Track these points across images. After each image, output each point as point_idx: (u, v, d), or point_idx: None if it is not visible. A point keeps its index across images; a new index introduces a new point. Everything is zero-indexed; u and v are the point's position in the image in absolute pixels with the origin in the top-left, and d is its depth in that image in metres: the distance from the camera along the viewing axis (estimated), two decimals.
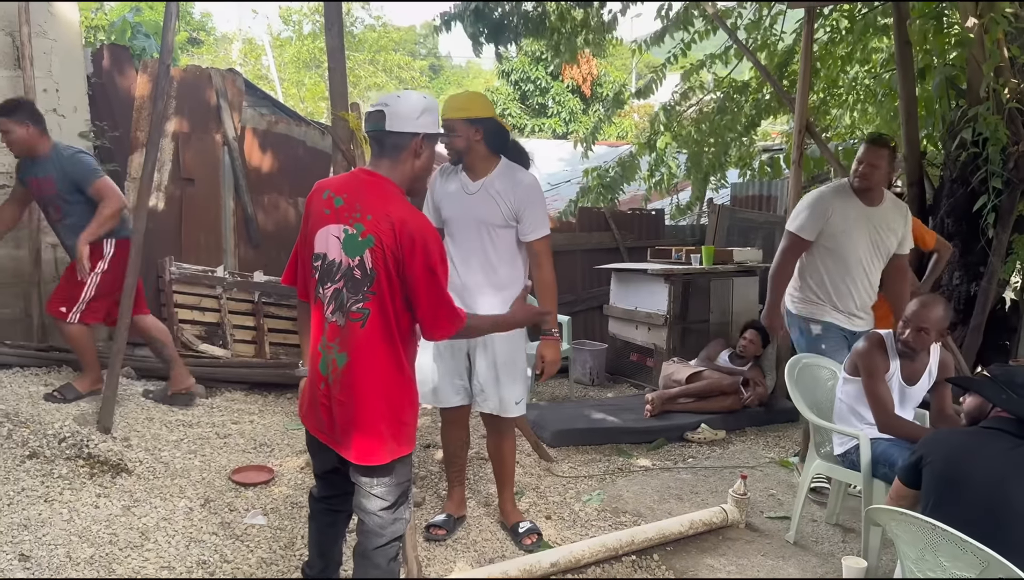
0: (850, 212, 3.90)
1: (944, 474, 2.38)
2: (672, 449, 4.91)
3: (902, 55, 5.12)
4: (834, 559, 3.43)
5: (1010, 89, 4.79)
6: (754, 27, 6.68)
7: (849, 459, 3.42)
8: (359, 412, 2.30)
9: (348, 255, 2.25)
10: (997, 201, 4.97)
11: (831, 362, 3.86)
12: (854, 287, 3.96)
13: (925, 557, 2.29)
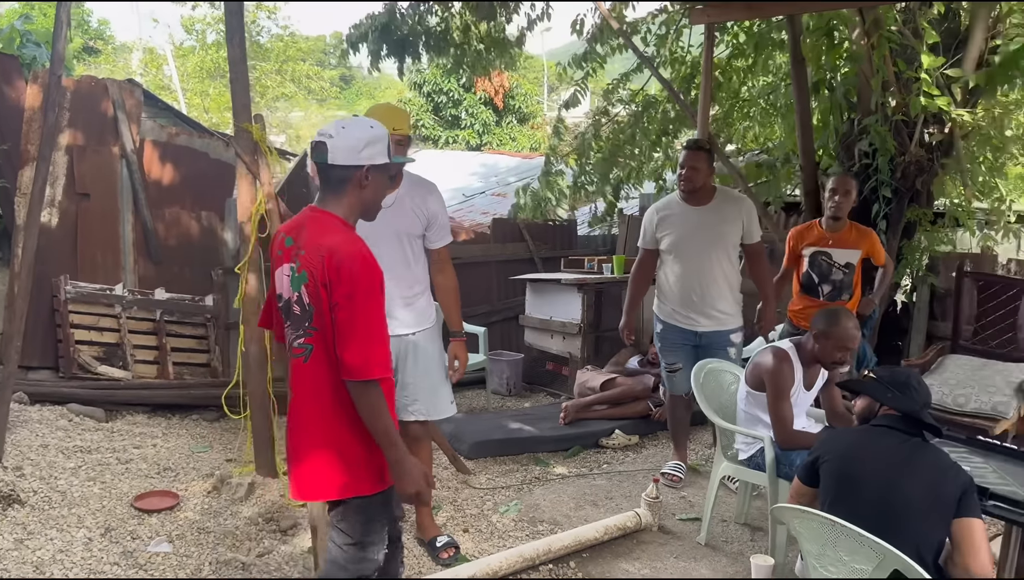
0: (679, 216, 4.17)
1: (839, 472, 2.48)
2: (588, 456, 4.97)
3: (796, 70, 5.35)
4: (743, 558, 3.53)
5: (896, 102, 5.07)
6: (661, 41, 6.86)
7: (755, 461, 3.53)
8: (303, 448, 2.24)
9: (293, 290, 2.21)
10: (887, 209, 5.26)
11: (733, 366, 3.99)
12: (696, 286, 4.16)
13: (826, 552, 2.39)
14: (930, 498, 2.32)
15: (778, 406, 3.33)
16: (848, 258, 4.45)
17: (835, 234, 4.47)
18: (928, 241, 5.61)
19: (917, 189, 5.32)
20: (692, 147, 4.19)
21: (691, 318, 4.24)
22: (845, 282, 4.47)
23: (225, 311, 5.78)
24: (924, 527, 2.33)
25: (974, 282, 5.34)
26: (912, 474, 2.37)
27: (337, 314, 2.11)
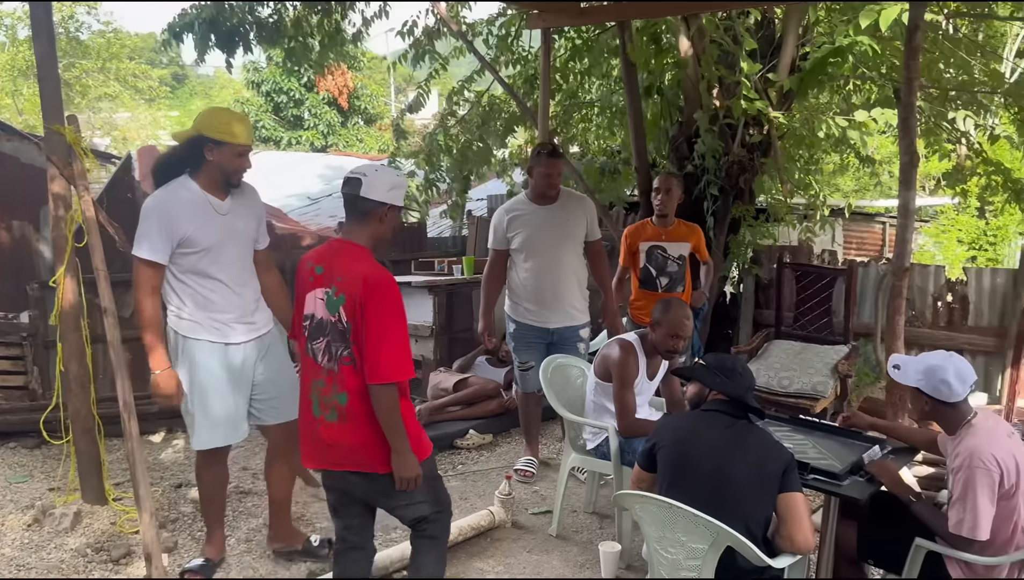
0: (529, 216, 4.28)
1: (673, 457, 2.61)
2: (443, 458, 4.95)
3: (628, 74, 5.58)
4: (593, 546, 3.63)
5: (721, 105, 5.39)
6: (502, 43, 6.94)
7: (601, 450, 3.65)
8: (369, 436, 2.56)
9: (331, 313, 2.56)
10: (715, 207, 5.58)
11: (579, 361, 4.10)
12: (546, 284, 4.30)
13: (665, 535, 2.50)
14: (756, 477, 2.48)
15: (622, 395, 3.46)
16: (680, 251, 4.74)
17: (667, 229, 4.75)
18: (752, 235, 6.01)
19: (741, 187, 5.68)
20: (553, 154, 4.30)
21: (544, 315, 4.34)
22: (679, 274, 4.75)
23: (43, 328, 5.31)
24: (752, 504, 2.48)
25: (793, 272, 5.77)
26: (739, 455, 2.52)
27: (369, 329, 2.48)
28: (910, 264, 4.30)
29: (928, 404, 2.73)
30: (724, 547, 2.40)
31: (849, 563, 2.96)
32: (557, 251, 4.30)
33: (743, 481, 2.49)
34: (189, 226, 3.00)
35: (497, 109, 7.29)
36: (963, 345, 5.42)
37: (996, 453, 2.56)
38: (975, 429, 2.66)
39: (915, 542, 2.71)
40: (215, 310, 3.11)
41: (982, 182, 7.32)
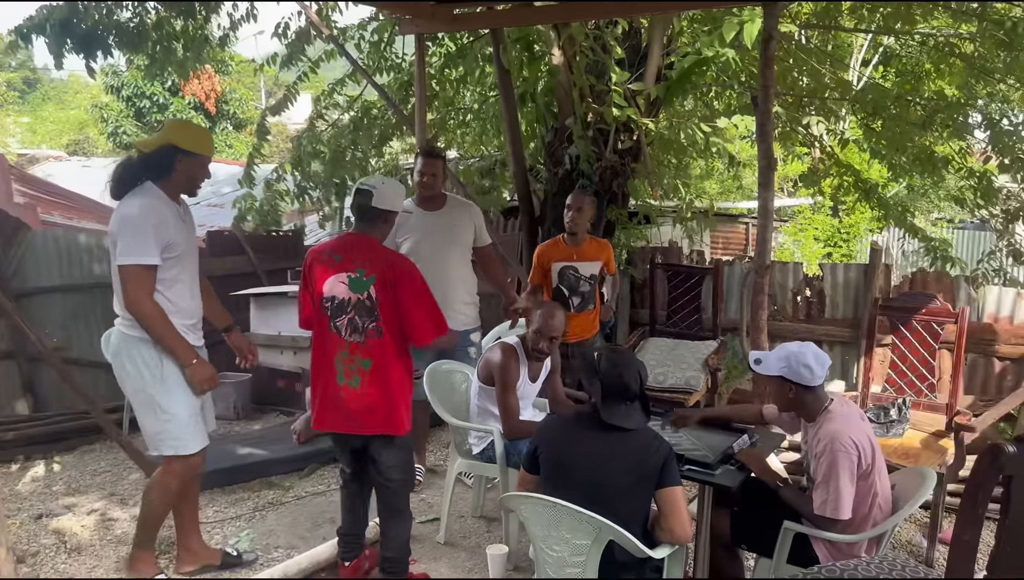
0: (417, 221, 4.28)
1: (553, 460, 2.65)
2: (326, 472, 4.84)
3: (503, 81, 5.65)
4: (481, 550, 3.65)
5: (592, 112, 5.54)
6: (375, 49, 6.88)
7: (487, 454, 3.68)
8: (386, 397, 3.10)
9: (355, 292, 3.05)
10: None
11: (463, 366, 4.11)
12: (441, 288, 4.24)
13: (550, 533, 2.54)
14: (634, 477, 2.55)
15: (505, 398, 3.49)
16: (592, 270, 4.67)
17: (578, 248, 4.65)
18: (626, 238, 6.21)
19: (614, 191, 5.86)
20: (429, 154, 4.29)
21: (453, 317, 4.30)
22: (591, 293, 4.71)
23: None
24: (631, 503, 2.55)
25: (664, 272, 5.98)
26: (617, 459, 2.57)
27: (409, 303, 3.06)
28: (771, 262, 4.56)
29: (792, 391, 2.88)
30: (607, 542, 2.47)
31: (724, 549, 3.09)
32: (445, 257, 4.29)
33: (621, 483, 2.54)
34: (171, 232, 3.10)
35: (372, 115, 7.22)
36: (821, 337, 5.80)
37: (853, 435, 2.75)
38: (833, 414, 2.84)
39: (784, 525, 2.87)
40: (184, 315, 3.16)
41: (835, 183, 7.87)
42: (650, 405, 2.73)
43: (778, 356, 2.90)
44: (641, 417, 2.66)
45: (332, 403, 3.13)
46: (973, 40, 6.16)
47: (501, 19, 5.28)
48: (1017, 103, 7.29)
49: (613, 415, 2.61)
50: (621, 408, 2.63)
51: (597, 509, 2.46)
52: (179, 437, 3.14)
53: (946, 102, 6.82)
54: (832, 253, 14.11)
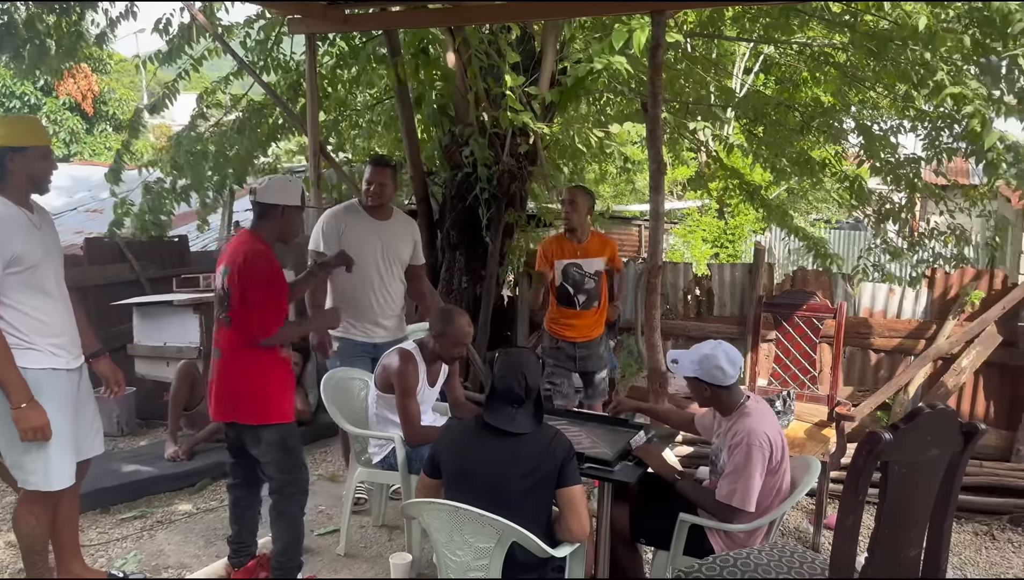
0: (362, 227, 4.15)
1: (452, 468, 2.63)
2: (219, 487, 4.66)
3: (398, 84, 5.60)
4: (383, 559, 3.59)
5: (489, 116, 5.56)
6: (262, 47, 6.68)
7: (388, 462, 3.61)
8: (232, 386, 3.16)
9: (221, 281, 3.15)
10: (490, 214, 5.75)
11: (363, 373, 4.04)
12: (374, 298, 4.20)
13: (453, 538, 2.53)
14: (534, 477, 2.55)
15: (405, 404, 3.44)
16: (596, 266, 4.54)
17: (581, 245, 4.54)
18: (525, 240, 6.26)
19: (512, 194, 5.90)
20: (380, 164, 4.15)
21: (371, 330, 4.19)
22: (596, 290, 4.57)
23: None
24: (532, 502, 2.56)
25: None
26: (514, 465, 2.56)
27: (244, 296, 3.07)
28: (663, 263, 4.69)
29: (707, 390, 2.97)
30: (510, 543, 2.47)
31: (623, 544, 3.16)
32: (388, 268, 4.22)
33: (520, 486, 2.53)
34: (17, 242, 2.80)
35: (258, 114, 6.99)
36: (711, 333, 5.99)
37: (768, 432, 2.85)
38: (750, 410, 2.93)
39: (679, 517, 2.95)
40: (51, 333, 2.88)
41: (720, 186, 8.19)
42: (542, 407, 2.68)
43: (692, 358, 2.97)
44: (528, 421, 2.61)
45: (210, 390, 3.28)
46: (845, 50, 6.53)
47: (394, 21, 5.23)
48: (886, 109, 7.78)
49: (497, 418, 2.60)
50: (505, 411, 2.60)
51: (499, 511, 2.45)
52: (35, 471, 2.87)
53: (822, 108, 7.21)
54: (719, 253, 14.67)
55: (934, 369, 5.12)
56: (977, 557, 3.87)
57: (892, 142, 6.91)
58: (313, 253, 4.17)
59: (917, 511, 2.15)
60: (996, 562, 3.84)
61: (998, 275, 5.16)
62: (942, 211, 6.74)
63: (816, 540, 3.95)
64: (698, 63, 7.43)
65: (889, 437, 1.95)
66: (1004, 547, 3.99)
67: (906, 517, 2.12)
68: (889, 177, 6.71)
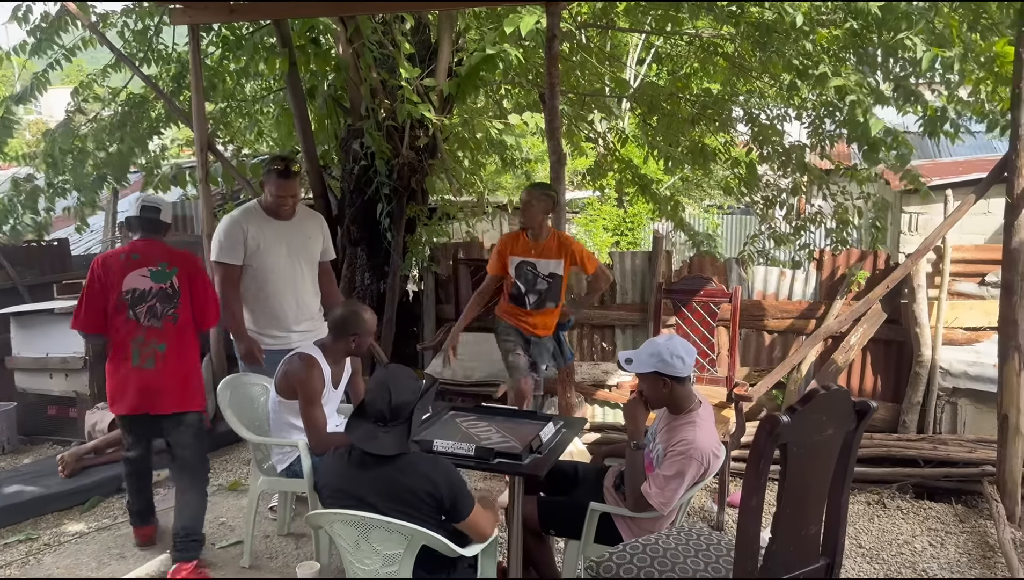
0: (265, 229, 3.99)
1: (338, 495, 2.54)
2: (111, 504, 4.42)
3: (291, 75, 5.40)
4: (290, 569, 3.49)
5: (385, 109, 5.44)
6: (140, 38, 6.33)
7: (293, 470, 3.49)
8: (179, 378, 3.53)
9: (157, 282, 3.50)
10: (390, 208, 5.64)
11: (262, 378, 3.88)
12: (288, 305, 4.06)
13: (360, 546, 2.46)
14: (422, 509, 2.46)
15: (310, 412, 3.31)
16: (552, 269, 4.29)
17: (537, 244, 4.29)
18: (428, 234, 6.17)
19: (413, 188, 5.80)
20: (285, 175, 3.95)
21: (286, 337, 4.03)
22: (551, 292, 4.34)
23: None
24: (430, 513, 2.49)
25: (468, 267, 6.04)
26: (395, 497, 2.44)
27: (195, 290, 3.59)
28: None
29: (667, 386, 2.90)
30: (419, 547, 2.42)
31: (533, 536, 3.14)
32: (301, 268, 4.08)
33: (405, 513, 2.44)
34: None
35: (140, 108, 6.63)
36: (614, 321, 6.10)
37: (713, 449, 2.85)
38: (699, 421, 2.90)
39: (590, 506, 2.96)
40: None
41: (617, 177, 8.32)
42: (410, 430, 2.54)
43: (649, 352, 2.90)
44: (392, 443, 2.48)
45: (127, 386, 3.48)
46: (733, 41, 6.72)
47: (282, 11, 5.04)
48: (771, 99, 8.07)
49: (357, 436, 2.52)
50: (365, 429, 2.51)
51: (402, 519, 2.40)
52: None
53: (712, 99, 7.41)
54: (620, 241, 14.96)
55: (824, 347, 5.35)
56: (870, 526, 4.07)
57: (779, 130, 7.18)
58: (217, 265, 3.99)
59: (816, 488, 2.22)
60: (888, 529, 4.05)
61: (881, 256, 5.44)
62: (826, 195, 7.05)
63: (720, 518, 4.06)
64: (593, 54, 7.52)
65: (787, 419, 2.01)
66: (894, 514, 4.22)
67: (806, 495, 2.19)
68: (777, 164, 6.97)
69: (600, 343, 6.19)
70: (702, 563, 2.51)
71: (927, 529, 4.04)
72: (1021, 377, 3.99)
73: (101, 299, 3.48)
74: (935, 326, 5.01)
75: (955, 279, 5.10)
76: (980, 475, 4.25)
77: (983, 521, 4.07)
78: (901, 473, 4.46)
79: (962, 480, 4.35)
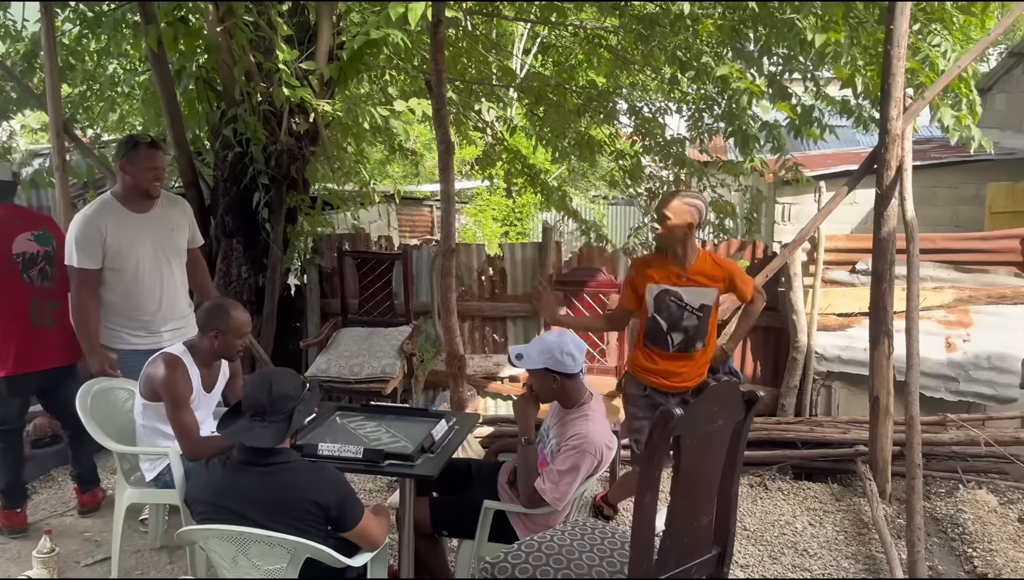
0: (124, 225, 3.68)
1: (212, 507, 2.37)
2: None
3: (155, 56, 5.03)
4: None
5: (261, 92, 5.15)
6: None
7: (163, 479, 3.24)
8: (70, 332, 3.78)
9: (43, 245, 3.82)
10: (268, 197, 5.36)
11: (128, 382, 3.59)
12: (156, 302, 3.76)
13: (238, 562, 2.29)
14: (305, 520, 2.33)
15: (179, 417, 3.07)
16: (703, 299, 3.45)
17: (684, 267, 3.44)
18: (310, 225, 5.92)
19: (293, 176, 5.53)
20: (155, 146, 3.68)
21: (156, 338, 3.72)
22: (700, 328, 3.48)
23: None
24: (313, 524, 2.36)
25: (353, 259, 5.84)
26: (278, 505, 2.32)
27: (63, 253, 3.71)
28: (456, 245, 4.61)
29: (557, 382, 2.88)
30: (304, 560, 2.28)
31: (426, 539, 3.05)
32: (169, 263, 3.79)
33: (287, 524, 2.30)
34: None
35: None
36: (505, 313, 6.06)
37: (605, 441, 2.85)
38: (592, 414, 2.89)
39: (484, 504, 2.89)
40: None
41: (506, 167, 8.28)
42: (289, 428, 2.42)
43: (539, 349, 2.89)
44: (267, 435, 2.35)
45: (26, 345, 3.73)
46: (616, 33, 6.78)
47: None
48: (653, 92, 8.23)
49: (234, 430, 2.38)
50: (241, 422, 2.39)
51: (283, 531, 2.25)
52: None
53: (598, 91, 7.47)
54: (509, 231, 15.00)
55: None
56: (754, 507, 4.20)
57: (660, 123, 7.32)
58: (73, 270, 3.63)
59: (707, 479, 2.22)
60: (770, 510, 4.19)
61: (759, 246, 5.62)
62: (704, 187, 7.24)
63: None
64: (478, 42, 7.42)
65: (681, 412, 1.99)
66: (775, 495, 4.37)
67: (698, 486, 2.19)
68: (658, 156, 7.10)
69: (492, 335, 6.13)
70: (597, 558, 2.48)
71: (806, 509, 4.20)
72: (890, 361, 4.20)
73: None
74: (810, 313, 5.23)
75: (828, 267, 5.33)
76: (854, 455, 4.46)
77: (857, 499, 4.26)
78: (781, 455, 4.62)
79: (837, 460, 4.55)
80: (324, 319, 6.28)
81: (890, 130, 4.10)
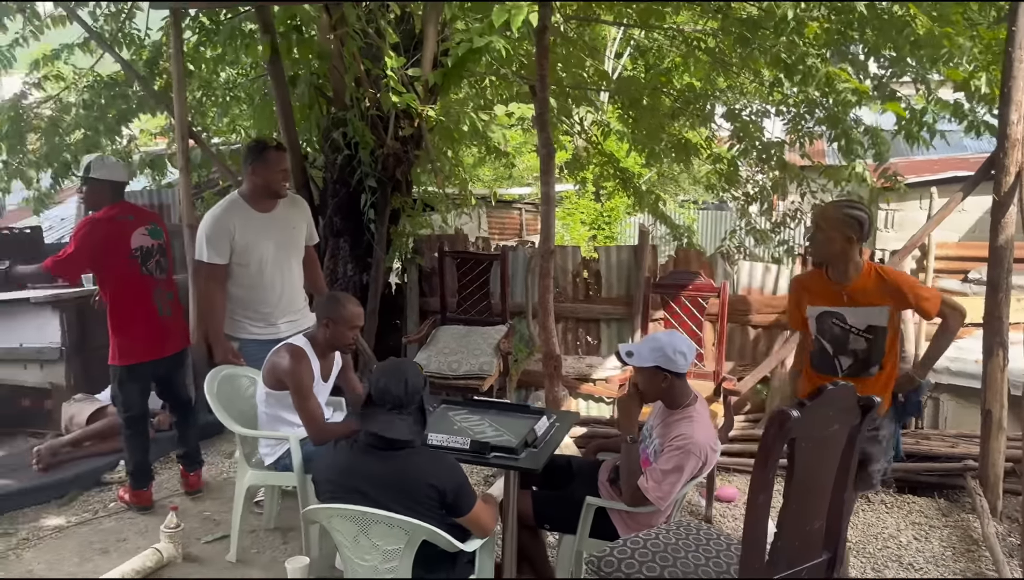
0: (250, 223, 3.91)
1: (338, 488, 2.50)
2: (90, 498, 4.33)
3: (273, 63, 5.30)
4: (278, 564, 3.42)
5: (369, 98, 5.36)
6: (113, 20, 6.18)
7: (282, 463, 3.43)
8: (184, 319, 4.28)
9: (155, 239, 4.07)
10: (374, 198, 5.57)
11: (251, 370, 3.81)
12: (276, 298, 3.99)
13: (359, 542, 2.42)
14: (425, 503, 2.44)
15: (305, 404, 3.25)
16: (871, 320, 3.11)
17: (846, 287, 3.14)
18: (412, 226, 6.11)
19: (398, 179, 5.73)
20: (279, 148, 3.97)
21: (276, 330, 3.96)
22: (873, 351, 3.14)
23: None
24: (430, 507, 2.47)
25: (453, 259, 5.99)
26: (401, 487, 2.43)
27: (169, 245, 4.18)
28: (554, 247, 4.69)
29: (667, 380, 2.92)
30: (420, 542, 2.39)
31: (528, 531, 3.13)
32: (289, 260, 4.03)
33: (408, 506, 2.42)
34: None
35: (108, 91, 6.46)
36: (599, 315, 6.10)
37: (710, 443, 2.87)
38: (697, 416, 2.92)
39: (586, 501, 2.95)
40: None
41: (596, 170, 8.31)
42: (426, 419, 2.56)
43: (651, 347, 2.92)
44: (408, 429, 2.49)
45: (152, 335, 4.00)
46: (715, 36, 6.73)
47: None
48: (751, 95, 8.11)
49: (373, 422, 2.49)
50: (383, 417, 2.49)
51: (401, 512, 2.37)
52: None
53: (694, 94, 7.42)
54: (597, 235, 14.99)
55: None
56: (856, 520, 4.11)
57: (759, 126, 7.21)
58: (202, 265, 3.89)
59: (821, 483, 2.22)
60: (873, 523, 4.09)
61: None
62: (804, 192, 7.10)
63: (708, 512, 4.08)
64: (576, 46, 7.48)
65: (797, 414, 2.00)
66: (879, 508, 4.27)
67: (811, 490, 2.19)
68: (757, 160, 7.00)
69: (585, 337, 6.18)
70: (703, 557, 2.51)
71: (911, 523, 4.09)
72: (1004, 373, 4.05)
73: (119, 248, 3.91)
74: (919, 322, 5.07)
75: (938, 276, 5.17)
76: (962, 470, 4.31)
77: (965, 515, 4.13)
78: None
79: (944, 475, 4.41)
80: (423, 317, 6.46)
81: (1009, 135, 3.96)
